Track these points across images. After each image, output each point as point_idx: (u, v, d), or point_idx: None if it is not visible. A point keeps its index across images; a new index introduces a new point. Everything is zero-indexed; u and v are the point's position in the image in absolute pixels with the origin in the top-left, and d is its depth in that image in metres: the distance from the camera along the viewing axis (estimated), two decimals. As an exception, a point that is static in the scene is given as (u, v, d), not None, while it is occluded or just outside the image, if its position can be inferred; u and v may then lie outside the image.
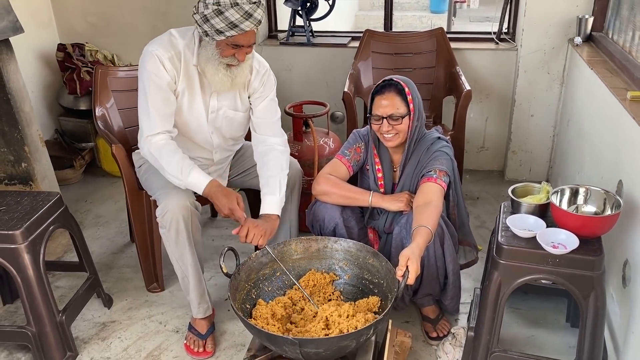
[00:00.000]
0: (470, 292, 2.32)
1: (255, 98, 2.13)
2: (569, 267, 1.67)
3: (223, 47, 1.88)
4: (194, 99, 2.03)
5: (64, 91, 3.56)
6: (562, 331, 2.18)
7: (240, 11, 1.77)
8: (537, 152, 3.38)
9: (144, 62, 1.93)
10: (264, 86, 2.12)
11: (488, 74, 3.35)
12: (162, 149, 1.94)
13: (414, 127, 2.00)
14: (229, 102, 2.09)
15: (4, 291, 2.37)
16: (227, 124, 2.13)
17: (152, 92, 1.92)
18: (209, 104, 2.06)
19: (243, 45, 1.88)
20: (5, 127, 2.48)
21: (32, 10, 3.49)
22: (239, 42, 1.86)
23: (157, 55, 1.90)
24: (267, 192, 2.03)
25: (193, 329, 2.15)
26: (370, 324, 1.61)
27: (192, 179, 1.92)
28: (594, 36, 2.88)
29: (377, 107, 2.00)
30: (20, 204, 2.03)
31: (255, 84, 2.10)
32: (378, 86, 2.02)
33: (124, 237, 2.94)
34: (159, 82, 1.92)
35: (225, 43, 1.86)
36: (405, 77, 2.03)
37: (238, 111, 2.13)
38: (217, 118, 2.10)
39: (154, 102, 1.92)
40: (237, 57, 1.90)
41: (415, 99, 1.99)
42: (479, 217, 3.05)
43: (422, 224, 1.79)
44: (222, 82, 1.94)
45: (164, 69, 1.92)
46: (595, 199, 1.81)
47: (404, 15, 8.31)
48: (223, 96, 2.07)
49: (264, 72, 2.12)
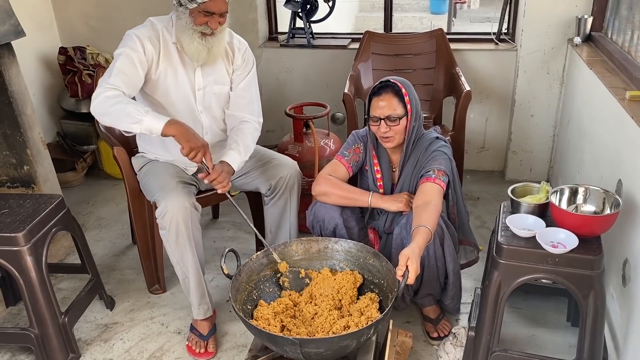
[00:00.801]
0: (471, 292, 2.32)
1: (237, 75, 2.20)
2: (569, 267, 1.67)
3: (196, 15, 1.96)
4: (177, 77, 2.08)
5: (66, 94, 3.57)
6: (562, 330, 2.18)
7: None
8: (537, 152, 3.39)
9: (123, 40, 2.01)
10: (245, 63, 2.21)
11: (488, 74, 3.36)
12: (119, 96, 1.90)
13: (411, 128, 2.01)
14: (214, 78, 2.14)
15: (7, 293, 2.39)
16: (215, 100, 2.18)
17: (123, 59, 1.96)
18: (195, 82, 2.11)
19: (214, 13, 1.96)
20: (8, 130, 2.49)
21: (33, 13, 3.51)
22: (210, 9, 1.94)
23: (136, 35, 1.99)
24: (234, 148, 2.08)
25: (195, 330, 2.16)
26: (371, 324, 1.62)
27: (150, 117, 1.86)
28: (593, 36, 2.89)
29: (375, 109, 2.01)
30: (23, 206, 2.04)
31: (238, 60, 2.19)
32: (375, 87, 2.03)
33: (125, 239, 2.95)
34: (132, 55, 1.97)
35: (197, 11, 1.95)
36: (402, 78, 2.04)
37: (224, 85, 2.18)
38: (205, 96, 2.15)
39: (122, 67, 1.95)
40: (210, 26, 1.97)
41: (412, 100, 1.99)
42: (480, 217, 3.05)
43: (422, 224, 1.80)
44: (198, 51, 2.01)
45: (142, 47, 1.98)
46: (595, 199, 1.82)
47: (404, 16, 8.32)
48: (207, 71, 2.12)
49: (245, 50, 2.21)
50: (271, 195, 2.26)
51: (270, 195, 2.26)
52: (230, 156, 2.06)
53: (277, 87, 3.63)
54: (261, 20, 3.60)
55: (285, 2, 3.52)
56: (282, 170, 2.24)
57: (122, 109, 1.87)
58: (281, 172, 2.23)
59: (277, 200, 2.26)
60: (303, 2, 3.47)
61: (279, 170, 2.24)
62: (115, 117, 1.89)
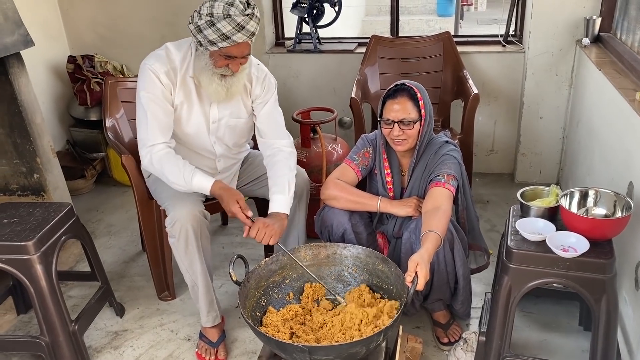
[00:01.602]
0: (481, 297, 2.31)
1: (258, 104, 2.14)
2: (580, 271, 1.65)
3: (216, 58, 1.89)
4: (192, 110, 2.04)
5: (75, 102, 3.60)
6: (574, 335, 2.16)
7: (233, 23, 1.77)
8: (546, 154, 3.36)
9: (141, 76, 1.97)
10: (265, 91, 2.13)
11: (496, 76, 3.34)
12: (163, 158, 1.96)
13: (424, 133, 2.00)
14: (230, 111, 2.10)
15: (18, 301, 2.40)
16: (229, 132, 2.15)
17: (150, 105, 1.95)
18: (209, 114, 2.07)
19: (236, 57, 1.88)
20: (18, 139, 2.51)
21: (42, 23, 3.54)
22: (232, 54, 1.87)
23: (152, 69, 1.93)
24: (276, 192, 2.03)
25: (204, 337, 2.16)
26: (380, 330, 1.61)
27: (196, 182, 1.95)
28: (602, 37, 2.87)
29: (389, 111, 1.99)
30: (33, 215, 2.05)
31: (257, 90, 2.12)
32: (390, 90, 2.01)
33: (135, 245, 2.96)
34: (156, 94, 1.94)
35: (218, 54, 1.87)
36: (416, 83, 2.03)
37: (240, 118, 2.14)
38: (219, 128, 2.11)
39: (153, 114, 1.95)
40: (230, 68, 1.91)
41: (426, 105, 1.98)
42: (490, 220, 3.03)
43: (431, 229, 1.78)
44: (217, 92, 1.96)
45: (160, 83, 1.94)
46: (606, 201, 1.80)
47: (411, 19, 8.30)
48: (224, 105, 2.07)
49: (264, 77, 2.13)
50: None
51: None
52: (276, 202, 2.01)
53: (284, 93, 3.63)
54: (268, 26, 3.61)
55: (292, 7, 3.53)
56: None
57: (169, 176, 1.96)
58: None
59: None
60: (309, 7, 3.48)
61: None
62: (166, 182, 2.00)
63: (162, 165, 1.96)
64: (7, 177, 2.62)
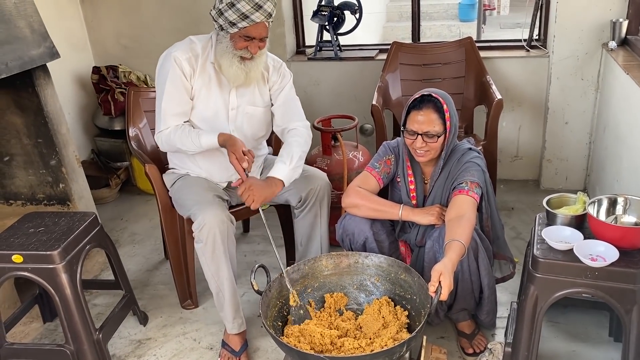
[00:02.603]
0: (507, 306, 2.26)
1: (275, 90, 2.24)
2: (609, 280, 1.61)
3: (236, 40, 1.99)
4: (211, 96, 2.13)
5: (99, 112, 3.66)
6: (604, 346, 2.10)
7: (251, 3, 1.90)
8: (573, 160, 3.30)
9: (163, 62, 2.10)
10: (282, 77, 2.24)
11: (520, 82, 3.29)
12: (170, 134, 2.09)
13: (448, 144, 1.97)
14: (248, 98, 2.17)
15: (44, 310, 2.43)
16: (247, 120, 2.20)
17: (169, 90, 2.06)
18: (229, 101, 2.15)
19: (255, 38, 1.98)
20: (44, 150, 2.56)
21: (68, 35, 3.61)
22: (251, 34, 1.97)
23: (174, 56, 2.06)
24: (280, 160, 2.09)
25: (227, 346, 2.16)
26: (403, 341, 1.58)
27: (204, 141, 2.05)
28: (630, 40, 2.80)
29: (413, 123, 1.96)
30: (58, 224, 2.08)
31: (273, 77, 2.22)
32: (416, 100, 1.96)
33: (158, 254, 2.98)
34: (175, 81, 2.06)
35: (238, 35, 1.98)
36: (443, 92, 1.98)
37: (257, 106, 2.20)
38: (238, 115, 2.17)
39: (170, 99, 2.07)
40: (250, 50, 2.01)
41: (452, 117, 1.94)
42: (515, 228, 2.98)
43: (455, 238, 1.75)
44: (237, 75, 2.05)
45: (181, 70, 2.05)
46: (636, 209, 1.75)
47: (432, 25, 8.25)
48: (241, 92, 2.15)
49: (280, 66, 2.24)
50: (301, 207, 2.25)
51: (300, 207, 2.25)
52: (275, 168, 2.07)
53: (305, 101, 3.59)
54: (289, 34, 3.62)
55: (312, 15, 3.53)
56: (312, 182, 2.23)
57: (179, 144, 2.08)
58: (311, 184, 2.22)
59: (307, 213, 2.25)
60: (330, 15, 3.48)
61: (309, 182, 2.23)
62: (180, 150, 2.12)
63: (171, 140, 2.09)
64: (34, 187, 2.66)
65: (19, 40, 2.26)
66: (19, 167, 2.63)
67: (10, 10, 2.24)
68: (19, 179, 2.66)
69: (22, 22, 2.30)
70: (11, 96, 2.46)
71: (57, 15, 3.50)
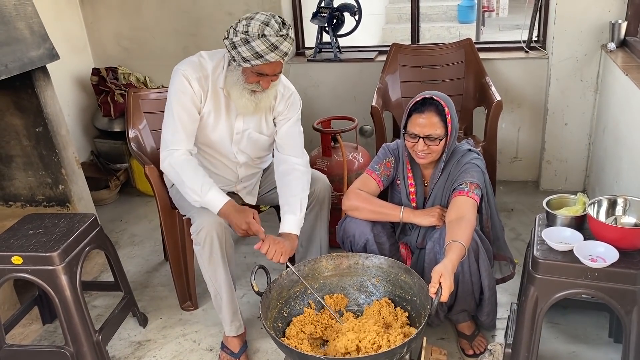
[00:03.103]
0: (507, 307, 2.26)
1: (279, 120, 2.16)
2: (609, 281, 1.61)
3: (248, 74, 1.92)
4: (219, 120, 2.07)
5: (99, 114, 3.65)
6: (604, 347, 2.10)
7: (267, 43, 1.80)
8: (572, 161, 3.30)
9: (173, 80, 2.00)
10: (289, 109, 2.15)
11: (519, 83, 3.30)
12: (184, 163, 1.99)
13: (449, 147, 1.97)
14: (254, 125, 2.12)
15: (44, 311, 2.43)
16: (251, 145, 2.16)
17: (179, 109, 1.98)
18: (234, 126, 2.09)
19: (267, 74, 1.91)
20: (44, 151, 2.56)
21: (67, 36, 3.61)
22: (264, 71, 1.90)
23: (185, 75, 1.96)
24: (288, 211, 2.04)
25: (226, 348, 2.16)
26: (404, 343, 1.58)
27: (210, 196, 1.95)
28: (628, 41, 2.81)
29: (414, 126, 1.95)
30: (58, 226, 2.08)
31: (280, 107, 2.13)
32: (417, 103, 1.96)
33: (158, 255, 2.98)
34: (185, 101, 1.98)
35: (250, 70, 1.90)
36: (444, 95, 1.97)
37: (262, 134, 2.16)
38: (242, 139, 2.13)
39: (180, 118, 1.98)
40: (261, 85, 1.94)
41: (453, 120, 1.94)
42: (515, 229, 2.98)
43: (455, 239, 1.76)
44: (246, 107, 1.99)
45: (192, 89, 1.97)
46: (635, 210, 1.75)
47: (431, 26, 8.26)
48: (249, 119, 2.09)
49: (289, 96, 2.14)
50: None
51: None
52: (287, 222, 2.02)
53: (304, 102, 3.59)
54: (288, 36, 3.62)
55: (312, 17, 3.53)
56: (312, 184, 2.22)
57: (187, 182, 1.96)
58: (312, 186, 2.21)
59: (307, 215, 2.24)
60: (329, 16, 3.48)
61: (309, 184, 2.22)
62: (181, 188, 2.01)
63: (183, 169, 1.97)
64: (34, 189, 2.66)
65: (19, 42, 2.26)
66: (18, 169, 2.63)
67: (10, 11, 2.24)
68: (18, 181, 2.66)
69: (22, 23, 2.30)
70: (11, 97, 2.46)
71: (56, 16, 3.50)
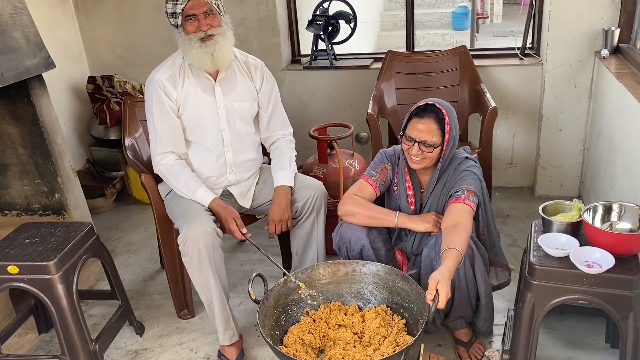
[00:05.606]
0: (504, 313, 2.26)
1: (264, 97, 2.31)
2: (606, 287, 1.62)
3: (185, 26, 2.07)
4: (198, 99, 2.17)
5: (95, 122, 3.65)
6: (601, 352, 2.10)
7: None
8: (567, 167, 3.31)
9: (147, 90, 2.16)
10: (264, 82, 2.30)
11: (514, 89, 3.32)
12: (172, 168, 2.17)
13: (446, 155, 1.98)
14: (234, 95, 2.22)
15: (40, 321, 2.41)
16: (238, 118, 2.25)
17: (157, 117, 2.13)
18: (215, 100, 2.19)
19: (196, 14, 2.04)
20: (39, 159, 2.55)
21: (63, 45, 3.61)
22: (190, 12, 2.05)
23: (156, 79, 2.13)
24: (279, 168, 2.26)
25: (223, 356, 2.15)
26: (401, 350, 1.59)
27: (199, 193, 2.14)
28: (622, 48, 2.83)
29: (412, 129, 1.96)
30: (54, 234, 2.07)
31: (257, 79, 2.28)
32: (419, 108, 1.96)
33: (154, 263, 2.97)
34: (160, 109, 2.13)
35: (184, 22, 2.07)
36: (448, 105, 1.97)
37: (244, 101, 2.25)
38: (227, 113, 2.22)
39: (159, 124, 2.14)
40: (200, 28, 2.05)
41: (452, 130, 1.94)
42: (510, 235, 2.99)
43: (452, 246, 1.76)
44: (202, 59, 2.08)
45: (164, 95, 2.11)
46: (630, 215, 1.76)
47: (426, 33, 8.30)
48: (226, 89, 2.20)
49: (260, 67, 2.30)
50: (298, 217, 2.26)
51: (297, 216, 2.26)
52: (279, 177, 2.23)
53: (300, 109, 3.64)
54: (284, 44, 3.63)
55: (308, 25, 3.55)
56: (308, 191, 2.23)
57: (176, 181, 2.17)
58: (307, 194, 2.22)
59: (303, 222, 2.26)
60: (325, 24, 3.50)
61: (305, 191, 2.23)
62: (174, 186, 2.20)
63: (171, 174, 2.17)
64: (29, 197, 2.65)
65: (15, 51, 2.26)
66: (14, 177, 2.62)
67: (5, 20, 2.24)
68: (14, 189, 2.65)
69: (18, 32, 2.30)
70: (6, 106, 2.46)
71: (52, 25, 3.50)
